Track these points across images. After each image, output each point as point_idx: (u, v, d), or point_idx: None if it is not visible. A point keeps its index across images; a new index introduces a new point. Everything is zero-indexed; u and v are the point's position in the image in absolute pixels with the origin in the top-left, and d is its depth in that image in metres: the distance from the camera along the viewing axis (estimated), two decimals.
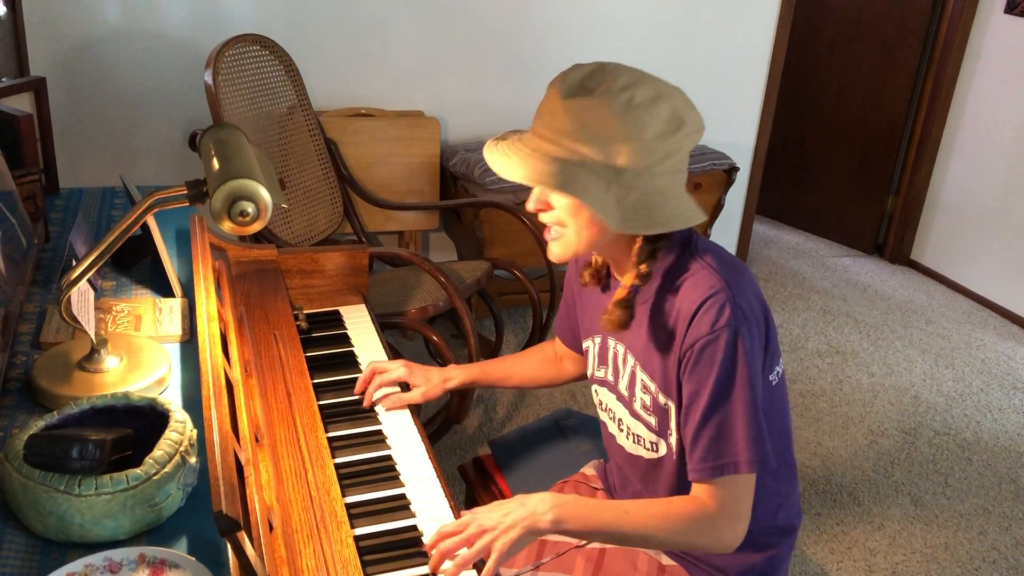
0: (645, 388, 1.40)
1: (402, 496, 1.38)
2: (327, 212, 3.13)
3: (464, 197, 3.44)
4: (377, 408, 1.60)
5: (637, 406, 1.43)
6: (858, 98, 4.62)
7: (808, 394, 3.36)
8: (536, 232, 3.03)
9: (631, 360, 1.42)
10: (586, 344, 1.55)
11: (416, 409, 1.63)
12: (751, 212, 4.37)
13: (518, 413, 3.07)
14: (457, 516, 1.34)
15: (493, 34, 3.67)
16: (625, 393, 1.45)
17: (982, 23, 4.14)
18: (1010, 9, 3.99)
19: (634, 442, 1.47)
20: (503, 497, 1.81)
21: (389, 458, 1.46)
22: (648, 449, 1.44)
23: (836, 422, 3.19)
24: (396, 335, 3.48)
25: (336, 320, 1.88)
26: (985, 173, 4.19)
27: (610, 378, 1.49)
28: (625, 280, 1.36)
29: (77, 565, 1.05)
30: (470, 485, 1.93)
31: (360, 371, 1.70)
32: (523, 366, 1.76)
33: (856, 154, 4.69)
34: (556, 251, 1.36)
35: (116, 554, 1.07)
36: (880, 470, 2.94)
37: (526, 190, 1.33)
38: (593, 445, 1.87)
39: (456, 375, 1.69)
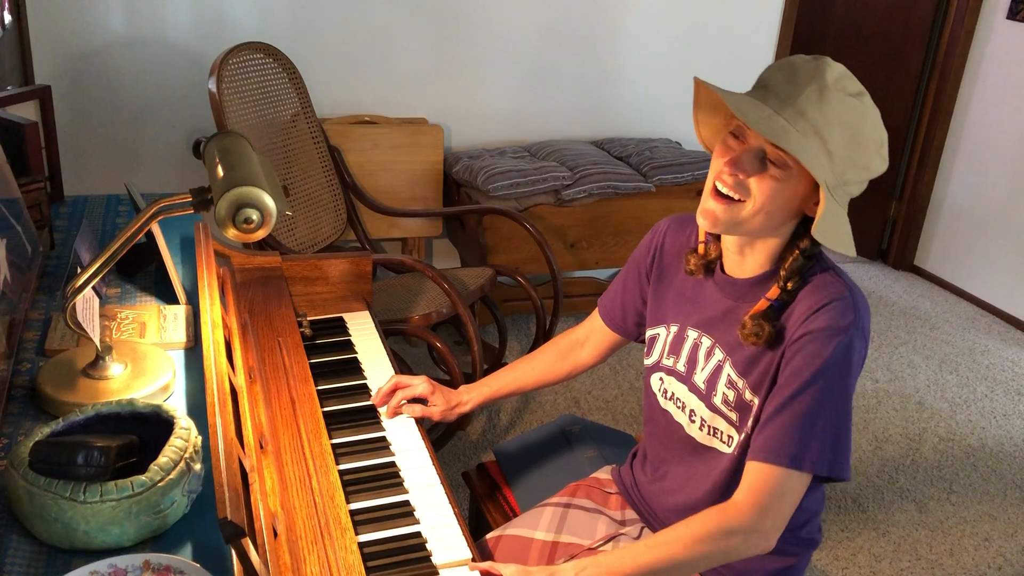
0: (731, 383, 1.37)
1: (406, 503, 1.38)
2: (331, 219, 3.13)
3: (467, 204, 3.44)
4: (381, 414, 1.60)
5: (717, 400, 1.40)
6: None
7: None
8: (539, 238, 3.03)
9: (719, 354, 1.39)
10: (655, 331, 1.51)
11: None
12: None
13: (522, 419, 3.07)
14: (461, 522, 1.34)
15: (496, 41, 3.68)
16: (702, 386, 1.42)
17: (985, 29, 4.15)
18: (1012, 15, 4.00)
19: (710, 434, 1.43)
20: (508, 506, 1.81)
21: (393, 465, 1.47)
22: (724, 443, 1.42)
23: None
24: (400, 342, 3.48)
25: (340, 327, 1.88)
26: (988, 178, 4.19)
27: (681, 368, 1.46)
28: (770, 293, 1.32)
29: (82, 572, 1.05)
30: (474, 492, 1.93)
31: (364, 378, 1.70)
32: (534, 368, 1.74)
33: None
34: (722, 216, 1.29)
35: (121, 561, 1.07)
36: (885, 476, 2.93)
37: (529, 197, 1.33)
38: (598, 452, 1.87)
39: (470, 400, 1.69)
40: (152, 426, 1.25)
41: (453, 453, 2.86)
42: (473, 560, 1.29)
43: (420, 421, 1.61)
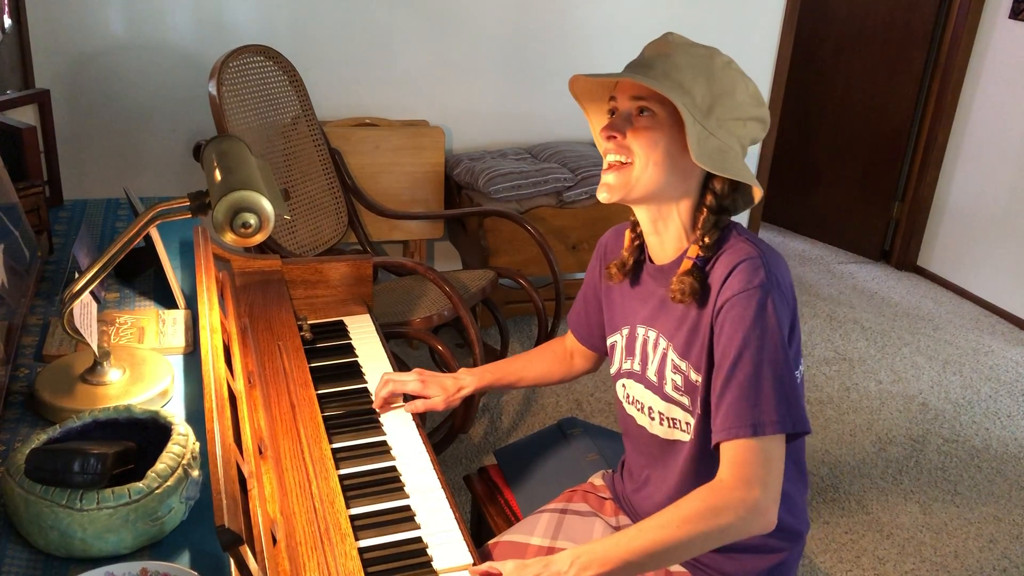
0: (676, 368, 1.39)
1: (407, 507, 1.37)
2: (332, 222, 3.13)
3: (468, 206, 3.43)
4: (382, 418, 1.59)
5: (668, 388, 1.41)
6: (863, 104, 4.61)
7: (815, 401, 3.35)
8: (541, 240, 3.03)
9: (663, 343, 1.41)
10: (612, 339, 1.54)
11: (421, 419, 1.62)
12: (757, 220, 4.36)
13: (523, 422, 3.06)
14: (462, 527, 1.33)
15: (496, 43, 3.67)
16: (654, 379, 1.44)
17: (987, 28, 4.13)
18: (1015, 14, 3.98)
19: (670, 426, 1.44)
20: (510, 509, 1.80)
21: (394, 469, 1.46)
22: (685, 431, 1.42)
23: (844, 430, 3.17)
24: (401, 345, 3.47)
25: (340, 330, 1.87)
26: (991, 178, 4.18)
27: (637, 368, 1.48)
28: (691, 252, 1.36)
29: None
30: (475, 496, 1.92)
31: (365, 381, 1.69)
32: (534, 365, 1.76)
33: (862, 161, 4.67)
34: (614, 181, 1.35)
35: (118, 569, 1.06)
36: (889, 478, 2.92)
37: (530, 199, 1.34)
38: (599, 454, 1.86)
39: (469, 382, 1.68)
40: (150, 432, 1.24)
41: (455, 456, 2.85)
42: (474, 565, 1.28)
43: (422, 424, 1.60)
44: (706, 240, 1.34)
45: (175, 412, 1.35)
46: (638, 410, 1.51)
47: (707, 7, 3.91)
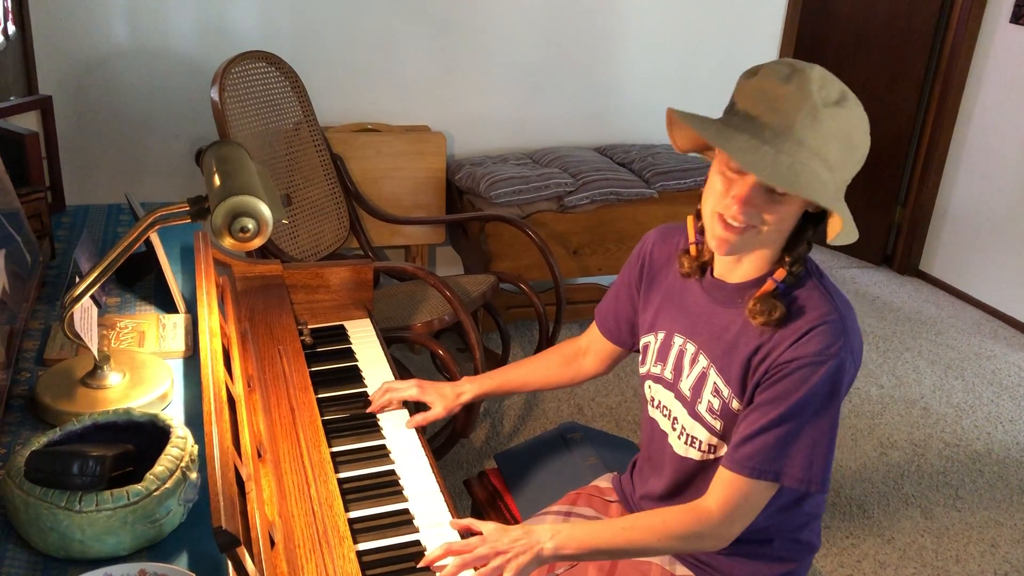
0: (716, 391, 1.37)
1: (405, 511, 1.38)
2: (333, 227, 3.14)
3: (470, 211, 3.44)
4: (381, 422, 1.60)
5: (701, 408, 1.40)
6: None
7: None
8: (542, 245, 3.03)
9: (703, 361, 1.39)
10: (646, 339, 1.52)
11: None
12: None
13: (525, 426, 3.06)
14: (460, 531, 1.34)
15: (498, 48, 3.69)
16: (687, 393, 1.42)
17: (988, 33, 4.14)
18: (1016, 19, 3.99)
19: (687, 443, 1.44)
20: (510, 514, 1.81)
21: (392, 473, 1.46)
22: (703, 452, 1.42)
23: (845, 434, 3.17)
24: (403, 349, 3.48)
25: (341, 335, 1.88)
26: (993, 182, 4.18)
27: (668, 376, 1.46)
28: (777, 275, 1.31)
29: None
30: (476, 500, 1.92)
31: (365, 386, 1.70)
32: (538, 371, 1.74)
33: (863, 165, 4.66)
34: (737, 243, 1.28)
35: (117, 570, 1.07)
36: (890, 482, 2.92)
37: (532, 204, 1.33)
38: (599, 458, 1.87)
39: (469, 390, 1.68)
40: (149, 435, 1.24)
41: (456, 461, 2.85)
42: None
43: (421, 428, 1.60)
44: (794, 269, 1.31)
45: (174, 415, 1.36)
46: (664, 416, 1.49)
47: (709, 14, 3.91)
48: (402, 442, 1.55)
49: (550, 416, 3.13)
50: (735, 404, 1.35)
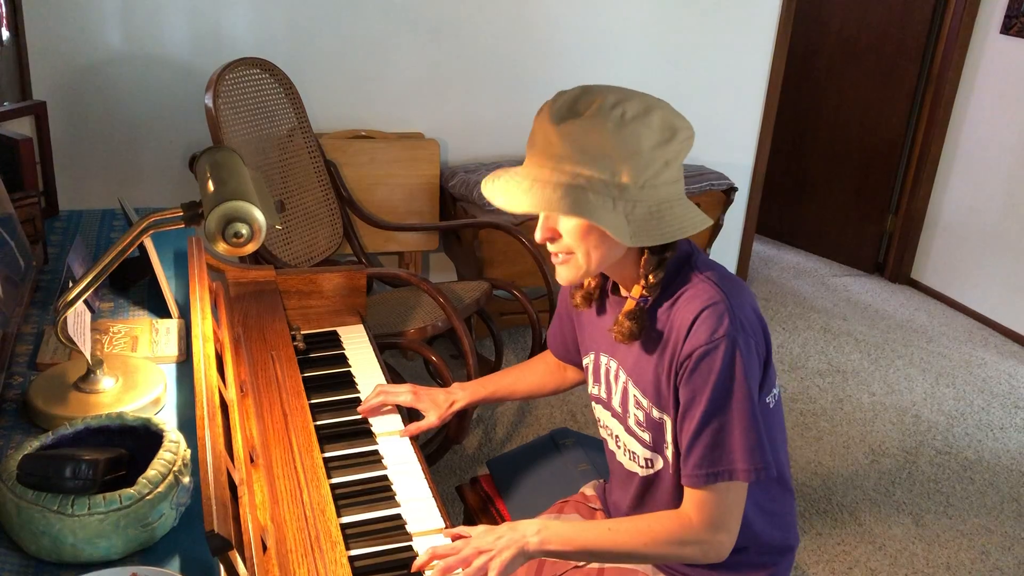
0: (638, 404, 1.40)
1: (398, 516, 1.38)
2: (327, 233, 3.14)
3: (464, 218, 3.45)
4: (374, 428, 1.60)
5: (631, 422, 1.43)
6: (857, 118, 4.63)
7: (808, 413, 3.35)
8: (535, 252, 3.04)
9: (623, 376, 1.43)
10: (586, 360, 1.56)
11: None
12: (751, 232, 4.37)
13: (518, 433, 3.07)
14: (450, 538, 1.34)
15: (492, 56, 3.70)
16: (619, 410, 1.46)
17: (979, 43, 4.17)
18: (1006, 29, 4.02)
19: (629, 459, 1.48)
20: (502, 519, 1.81)
21: (385, 478, 1.46)
22: (642, 466, 1.45)
23: (837, 441, 3.18)
24: (396, 355, 3.48)
25: (334, 341, 1.88)
26: (984, 191, 4.20)
27: (603, 395, 1.50)
28: (633, 292, 1.36)
29: None
30: (468, 506, 1.93)
31: (357, 391, 1.70)
32: (527, 378, 1.77)
33: (855, 173, 4.70)
34: (566, 275, 1.35)
35: (109, 574, 1.07)
36: (881, 489, 2.93)
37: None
38: (590, 464, 1.87)
39: (462, 397, 1.70)
40: (141, 439, 1.25)
41: (449, 467, 2.86)
42: None
43: (415, 436, 1.61)
44: (650, 279, 1.33)
45: (167, 420, 1.36)
46: (608, 435, 1.54)
47: (700, 23, 3.93)
48: (395, 448, 1.56)
49: (543, 422, 3.14)
50: (655, 413, 1.38)
